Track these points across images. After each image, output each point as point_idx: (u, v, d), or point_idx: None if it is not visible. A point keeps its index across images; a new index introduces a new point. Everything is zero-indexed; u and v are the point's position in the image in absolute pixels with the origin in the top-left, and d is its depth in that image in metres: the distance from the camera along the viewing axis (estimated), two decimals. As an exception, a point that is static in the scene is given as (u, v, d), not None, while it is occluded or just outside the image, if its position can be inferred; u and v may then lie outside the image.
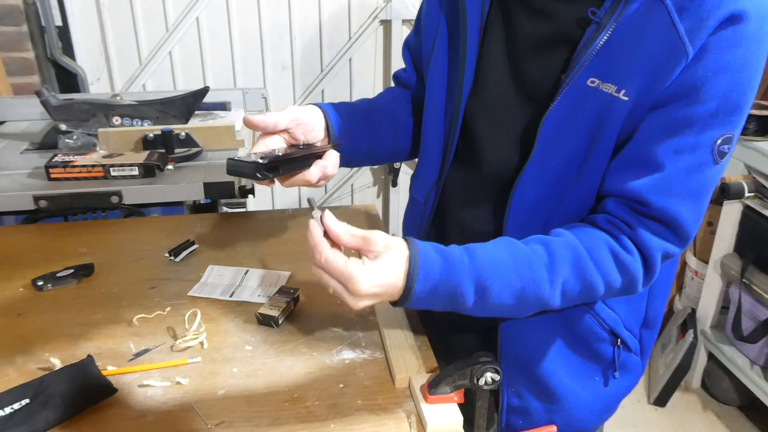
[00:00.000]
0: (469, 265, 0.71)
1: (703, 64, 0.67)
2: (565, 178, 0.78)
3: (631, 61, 0.69)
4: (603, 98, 0.72)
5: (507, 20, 0.82)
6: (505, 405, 0.93)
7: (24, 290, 1.00)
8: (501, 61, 0.83)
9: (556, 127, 0.75)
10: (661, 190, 0.71)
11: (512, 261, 0.72)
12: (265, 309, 0.92)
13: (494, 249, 0.73)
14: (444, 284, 0.70)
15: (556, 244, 0.74)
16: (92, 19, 2.11)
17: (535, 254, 0.73)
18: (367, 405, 0.77)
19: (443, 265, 0.70)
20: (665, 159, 0.70)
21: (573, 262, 0.73)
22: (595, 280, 0.73)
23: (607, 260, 0.73)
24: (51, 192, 1.31)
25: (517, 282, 0.71)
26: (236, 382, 0.80)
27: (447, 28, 0.88)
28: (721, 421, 2.09)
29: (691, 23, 0.66)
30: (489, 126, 0.86)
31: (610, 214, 0.76)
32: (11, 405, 0.73)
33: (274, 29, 2.24)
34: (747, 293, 1.92)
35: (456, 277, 0.70)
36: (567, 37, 0.75)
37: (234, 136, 1.60)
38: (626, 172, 0.74)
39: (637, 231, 0.73)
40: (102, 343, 0.88)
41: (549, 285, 0.72)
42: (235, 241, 1.17)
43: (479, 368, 0.72)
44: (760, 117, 1.86)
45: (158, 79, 2.23)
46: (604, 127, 0.73)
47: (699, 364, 2.17)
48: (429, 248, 0.71)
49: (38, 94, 1.55)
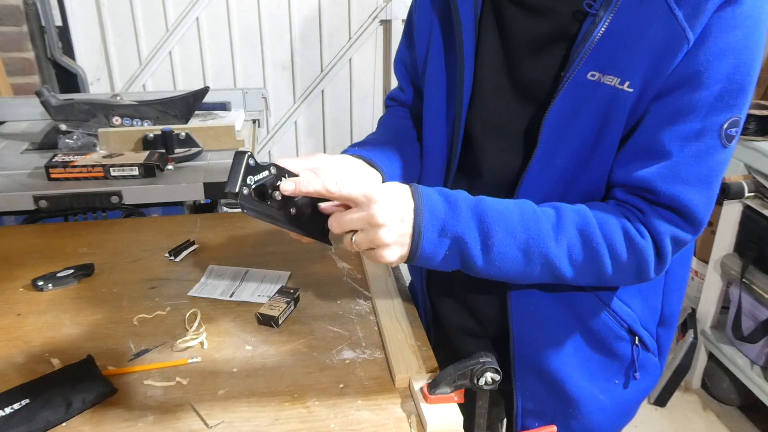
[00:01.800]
0: (474, 207, 0.70)
1: (704, 48, 0.66)
2: (569, 175, 0.77)
3: (632, 51, 0.69)
4: (606, 91, 0.71)
5: (500, 20, 0.80)
6: (519, 408, 0.91)
7: (24, 290, 1.00)
8: (496, 63, 0.82)
9: (559, 124, 0.74)
10: (669, 177, 0.70)
11: (518, 212, 0.72)
12: (265, 309, 0.92)
13: (502, 201, 0.73)
14: (449, 225, 0.69)
15: (567, 208, 0.74)
16: (92, 19, 2.11)
17: (543, 212, 0.73)
18: (367, 405, 0.77)
19: (447, 206, 0.70)
20: (672, 146, 0.70)
21: (580, 227, 0.72)
22: (601, 249, 0.72)
23: (616, 234, 0.73)
24: (51, 192, 1.31)
25: (521, 233, 0.71)
26: (236, 382, 0.80)
27: (441, 35, 0.86)
28: (721, 421, 2.09)
29: (689, 8, 0.66)
30: (486, 130, 0.84)
31: (620, 202, 0.76)
32: (11, 405, 0.73)
33: (274, 29, 2.24)
34: (747, 293, 1.92)
35: (459, 217, 0.69)
36: (563, 33, 0.75)
37: (234, 136, 1.60)
38: (634, 162, 0.73)
39: (649, 217, 0.73)
40: (102, 343, 0.88)
41: (555, 242, 0.71)
42: (235, 241, 1.17)
43: (479, 368, 0.72)
44: (760, 117, 1.86)
45: (158, 79, 2.23)
46: (611, 120, 0.72)
47: (699, 364, 2.17)
48: (432, 191, 0.71)
49: (38, 94, 1.55)
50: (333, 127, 2.42)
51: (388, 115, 1.05)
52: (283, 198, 0.73)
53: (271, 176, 0.72)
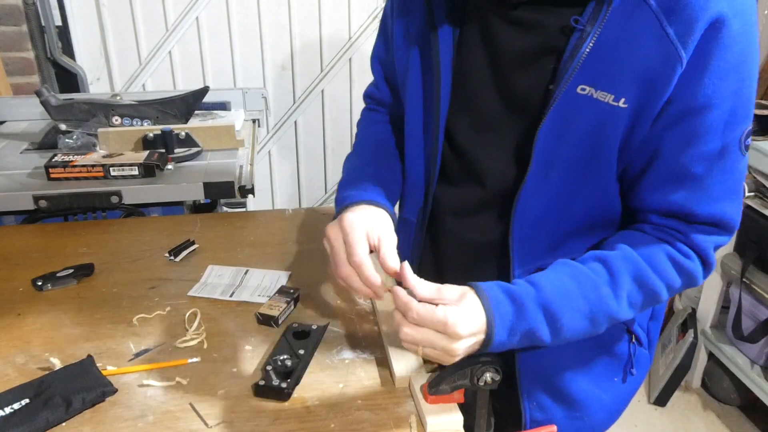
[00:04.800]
0: (537, 299, 0.72)
1: (708, 72, 0.68)
2: (568, 188, 0.78)
3: (624, 67, 0.69)
4: (599, 107, 0.72)
5: (486, 35, 0.80)
6: (527, 420, 0.91)
7: (24, 290, 1.00)
8: (485, 77, 0.81)
9: (552, 138, 0.75)
10: (702, 199, 0.73)
11: (576, 285, 0.74)
12: (265, 309, 0.92)
13: (556, 277, 0.74)
14: (518, 325, 0.71)
15: (614, 258, 0.75)
16: (92, 19, 2.11)
17: (596, 273, 0.75)
18: (367, 405, 0.77)
19: (513, 307, 0.71)
20: (698, 169, 0.72)
21: (634, 274, 0.75)
22: (657, 287, 0.75)
23: (665, 265, 0.76)
24: (51, 192, 1.31)
25: (585, 305, 0.73)
26: (236, 382, 0.80)
27: (419, 46, 0.85)
28: (721, 421, 2.09)
29: (681, 27, 0.66)
30: (483, 142, 0.84)
31: (658, 225, 0.78)
32: (11, 405, 0.73)
33: (274, 29, 2.23)
34: (747, 293, 1.92)
35: (527, 314, 0.71)
36: (552, 47, 0.75)
37: (234, 136, 1.60)
38: (663, 188, 0.75)
39: (690, 237, 0.76)
40: (102, 343, 0.88)
41: (615, 301, 0.74)
42: (235, 241, 1.17)
43: (479, 368, 0.72)
44: (761, 117, 1.86)
45: (158, 79, 2.23)
46: (605, 135, 0.73)
47: (699, 363, 2.17)
48: (495, 289, 0.72)
49: (38, 94, 1.55)
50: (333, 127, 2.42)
51: (368, 124, 1.05)
52: None
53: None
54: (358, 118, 1.08)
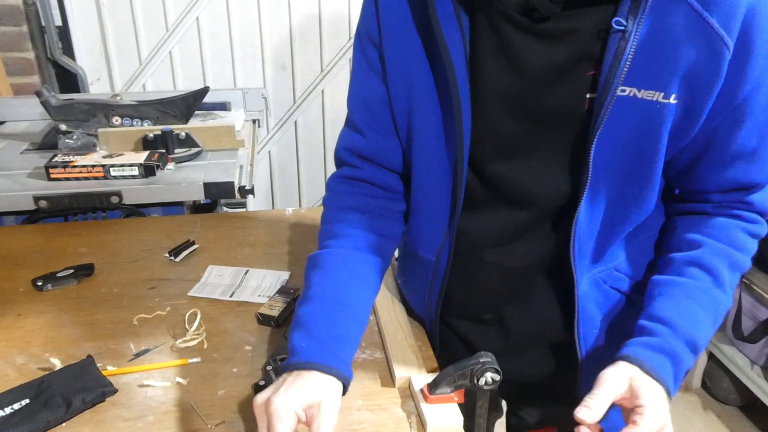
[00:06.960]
0: (686, 340, 0.74)
1: (753, 57, 0.68)
2: (621, 190, 0.77)
3: (669, 63, 0.68)
4: (645, 106, 0.70)
5: (506, 51, 0.73)
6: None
7: (24, 290, 1.00)
8: (506, 99, 0.75)
9: (604, 146, 0.73)
10: (760, 167, 0.76)
11: (695, 303, 0.76)
12: (265, 309, 0.92)
13: (676, 303, 0.76)
14: (680, 376, 0.74)
15: (706, 257, 0.78)
16: (92, 19, 2.11)
17: (701, 280, 0.77)
18: (367, 405, 0.77)
19: (674, 367, 0.73)
20: (752, 143, 0.74)
21: (728, 264, 0.79)
22: (745, 262, 0.81)
23: (746, 240, 0.80)
24: (51, 192, 1.31)
25: (709, 317, 0.76)
26: (236, 382, 0.80)
27: (423, 77, 0.78)
28: (721, 421, 2.09)
29: (722, 15, 0.66)
30: (515, 167, 0.79)
31: (720, 203, 0.80)
32: (11, 405, 0.73)
33: (274, 29, 2.23)
34: (747, 293, 1.92)
35: (683, 363, 0.74)
36: (587, 54, 0.71)
37: (234, 136, 1.60)
38: (721, 168, 0.77)
39: (754, 204, 0.79)
40: (102, 343, 0.88)
41: (725, 296, 0.78)
42: (235, 241, 1.17)
43: (479, 368, 0.72)
44: None
45: (158, 79, 2.23)
46: (654, 134, 0.72)
47: (699, 364, 2.17)
48: (663, 363, 0.73)
49: (38, 94, 1.55)
50: (333, 127, 2.42)
51: (336, 224, 0.88)
52: None
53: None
54: (324, 195, 0.92)
